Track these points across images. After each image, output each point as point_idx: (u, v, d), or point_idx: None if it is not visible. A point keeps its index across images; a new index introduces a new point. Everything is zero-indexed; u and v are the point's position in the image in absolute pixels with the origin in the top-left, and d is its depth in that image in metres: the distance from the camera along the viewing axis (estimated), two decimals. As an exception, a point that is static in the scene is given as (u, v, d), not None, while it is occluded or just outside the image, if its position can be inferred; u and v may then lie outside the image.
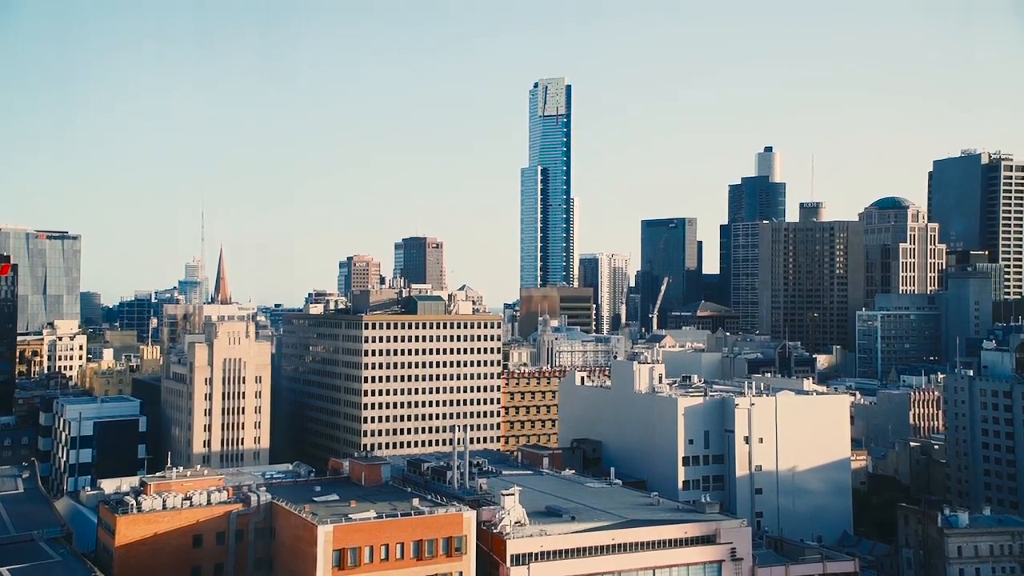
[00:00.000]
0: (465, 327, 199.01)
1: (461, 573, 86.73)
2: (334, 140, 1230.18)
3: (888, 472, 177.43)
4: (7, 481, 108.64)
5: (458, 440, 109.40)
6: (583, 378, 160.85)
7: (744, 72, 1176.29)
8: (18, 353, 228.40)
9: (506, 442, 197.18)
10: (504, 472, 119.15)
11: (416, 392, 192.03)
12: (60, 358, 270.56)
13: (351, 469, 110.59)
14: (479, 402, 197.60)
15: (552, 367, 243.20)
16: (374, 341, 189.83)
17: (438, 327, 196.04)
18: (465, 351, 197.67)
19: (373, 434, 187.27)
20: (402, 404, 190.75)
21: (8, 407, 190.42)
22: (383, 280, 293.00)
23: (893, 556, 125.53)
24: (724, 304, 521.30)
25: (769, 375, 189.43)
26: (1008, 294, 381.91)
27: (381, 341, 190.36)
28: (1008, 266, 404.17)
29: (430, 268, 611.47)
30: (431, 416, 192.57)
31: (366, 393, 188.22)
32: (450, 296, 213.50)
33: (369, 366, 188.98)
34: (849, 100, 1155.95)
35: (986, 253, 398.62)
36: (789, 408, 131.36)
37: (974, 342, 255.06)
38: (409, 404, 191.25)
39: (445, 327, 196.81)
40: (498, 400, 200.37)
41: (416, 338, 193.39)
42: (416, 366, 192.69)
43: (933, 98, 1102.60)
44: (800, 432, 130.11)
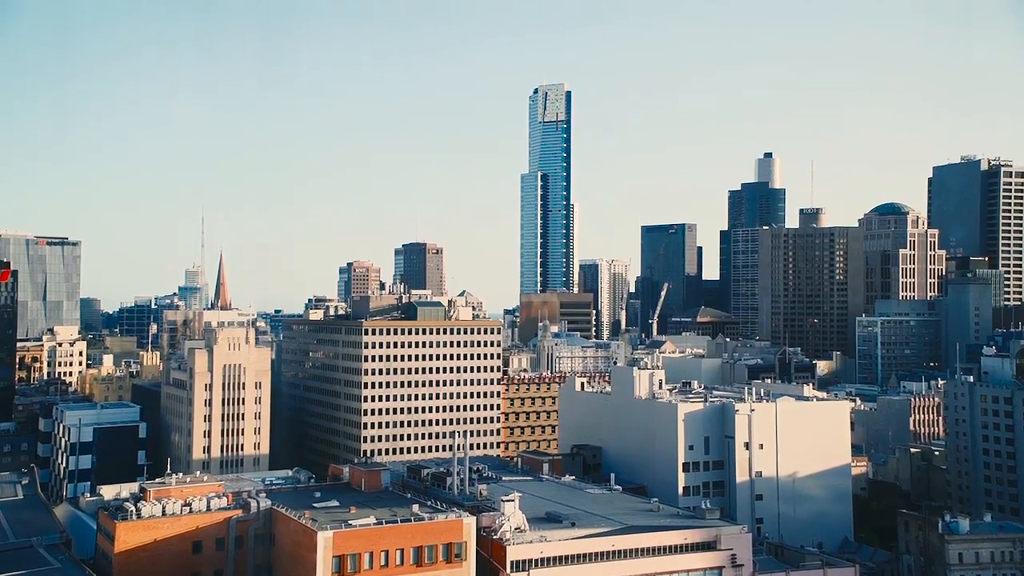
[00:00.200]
0: (465, 333, 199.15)
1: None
2: (334, 145, 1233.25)
3: (889, 478, 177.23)
4: (6, 487, 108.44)
5: (458, 446, 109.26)
6: (583, 384, 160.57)
7: (744, 78, 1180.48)
8: (18, 359, 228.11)
9: (506, 448, 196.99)
10: (504, 478, 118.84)
11: (416, 398, 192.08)
12: (60, 364, 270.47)
13: (351, 475, 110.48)
14: (479, 408, 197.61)
15: (552, 373, 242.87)
16: (374, 347, 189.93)
17: (438, 333, 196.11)
18: (465, 357, 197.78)
19: (373, 440, 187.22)
20: (402, 410, 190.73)
21: (8, 413, 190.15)
22: (383, 286, 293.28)
23: (894, 562, 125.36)
24: (724, 310, 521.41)
25: (769, 381, 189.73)
26: (1008, 300, 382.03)
27: (381, 347, 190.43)
28: (1008, 272, 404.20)
29: (430, 274, 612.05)
30: (431, 422, 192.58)
31: (366, 399, 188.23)
32: (450, 302, 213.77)
33: (369, 372, 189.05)
34: (849, 106, 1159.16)
35: (986, 259, 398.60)
36: (789, 414, 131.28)
37: (974, 348, 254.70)
38: (409, 410, 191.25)
39: (445, 333, 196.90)
40: (498, 406, 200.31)
41: (416, 344, 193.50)
42: (416, 372, 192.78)
43: (933, 104, 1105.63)
44: (800, 438, 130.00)
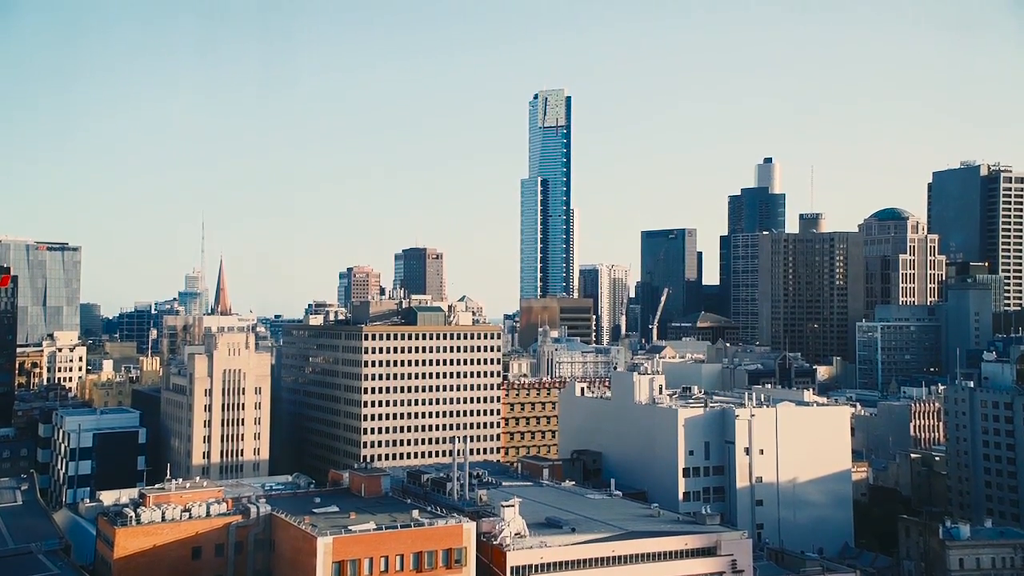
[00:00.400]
0: (465, 338, 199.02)
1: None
2: (334, 150, 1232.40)
3: (889, 484, 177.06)
4: (6, 493, 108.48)
5: (458, 451, 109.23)
6: (583, 389, 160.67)
7: (744, 83, 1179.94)
8: (18, 365, 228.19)
9: (506, 453, 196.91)
10: (504, 483, 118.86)
11: (416, 403, 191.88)
12: (60, 370, 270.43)
13: (351, 480, 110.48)
14: (479, 413, 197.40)
15: (552, 378, 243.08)
16: (374, 352, 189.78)
17: (438, 338, 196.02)
18: (465, 362, 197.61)
19: (373, 445, 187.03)
20: (402, 415, 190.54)
21: (7, 419, 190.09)
22: (383, 291, 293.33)
23: (894, 568, 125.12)
24: (724, 315, 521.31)
25: (769, 386, 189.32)
26: (1008, 305, 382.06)
27: (381, 352, 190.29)
28: (1008, 277, 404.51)
29: (430, 279, 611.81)
30: (431, 427, 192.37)
31: (366, 404, 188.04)
32: (450, 307, 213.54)
33: (369, 377, 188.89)
34: (849, 111, 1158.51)
35: (986, 264, 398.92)
36: (789, 419, 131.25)
37: (974, 353, 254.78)
38: (409, 415, 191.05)
39: (445, 338, 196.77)
40: (498, 411, 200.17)
41: (416, 349, 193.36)
42: (416, 377, 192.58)
43: (933, 109, 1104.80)
44: (801, 443, 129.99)
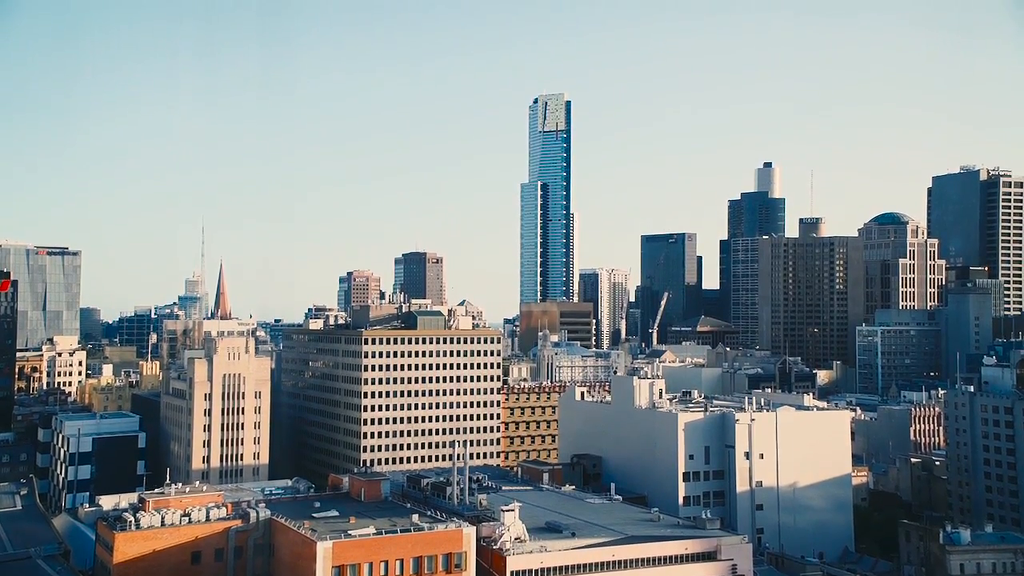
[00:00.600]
0: (465, 342, 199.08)
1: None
2: (334, 154, 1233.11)
3: (889, 488, 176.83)
4: (5, 498, 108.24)
5: (458, 456, 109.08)
6: (583, 393, 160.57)
7: (744, 87, 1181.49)
8: (17, 369, 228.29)
9: (506, 457, 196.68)
10: (504, 488, 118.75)
11: (416, 407, 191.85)
12: (59, 374, 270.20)
13: (350, 485, 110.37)
14: (479, 417, 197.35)
15: (552, 382, 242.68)
16: (374, 356, 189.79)
17: (438, 342, 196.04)
18: (465, 366, 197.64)
19: (373, 449, 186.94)
20: (402, 419, 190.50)
21: (7, 423, 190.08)
22: (383, 295, 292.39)
23: (895, 573, 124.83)
24: (724, 319, 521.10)
25: (769, 390, 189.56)
26: (1008, 310, 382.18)
27: (381, 356, 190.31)
28: (1008, 282, 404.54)
29: (430, 283, 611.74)
30: (431, 431, 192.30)
31: (366, 408, 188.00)
32: (450, 311, 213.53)
33: (369, 381, 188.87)
34: (848, 115, 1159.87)
35: (986, 269, 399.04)
36: (790, 424, 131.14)
37: (974, 358, 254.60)
38: (409, 419, 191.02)
39: (445, 342, 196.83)
40: (498, 415, 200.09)
41: (416, 353, 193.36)
42: (416, 381, 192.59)
43: (932, 114, 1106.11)
44: (801, 448, 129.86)
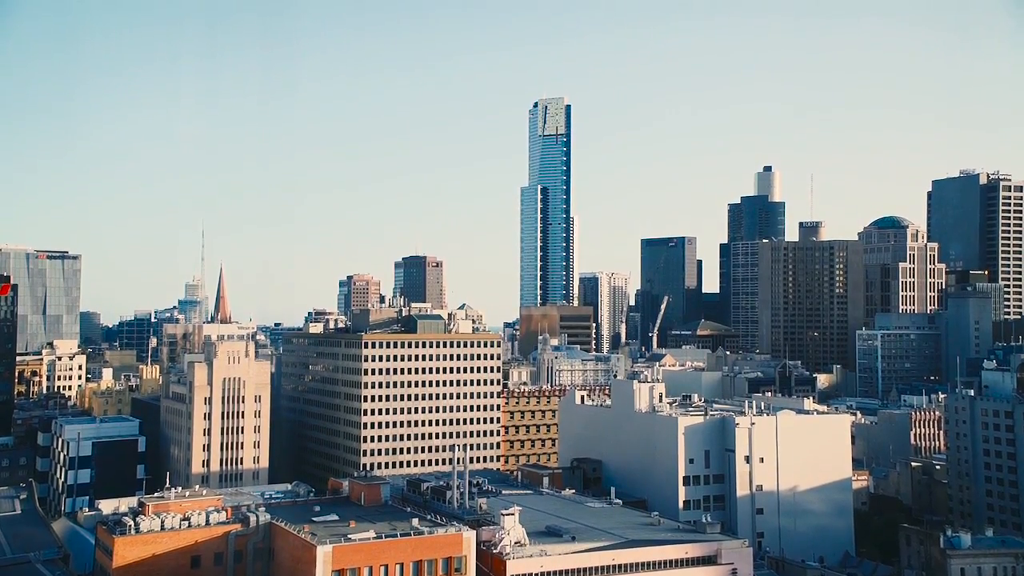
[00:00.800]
0: (465, 346, 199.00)
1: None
2: (334, 158, 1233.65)
3: (890, 492, 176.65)
4: (4, 502, 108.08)
5: (458, 459, 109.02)
6: (583, 397, 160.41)
7: (743, 91, 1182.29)
8: (17, 373, 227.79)
9: (506, 461, 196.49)
10: (504, 492, 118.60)
11: (416, 411, 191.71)
12: (59, 378, 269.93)
13: (350, 489, 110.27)
14: (479, 421, 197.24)
15: (552, 386, 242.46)
16: (374, 360, 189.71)
17: (438, 346, 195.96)
18: (465, 370, 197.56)
19: (372, 453, 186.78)
20: (402, 423, 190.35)
21: (6, 427, 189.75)
22: (383, 299, 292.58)
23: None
24: (724, 323, 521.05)
25: (769, 394, 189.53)
26: (1008, 314, 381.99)
27: (381, 360, 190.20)
28: (1008, 286, 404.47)
29: (430, 287, 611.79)
30: (431, 435, 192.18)
31: (366, 412, 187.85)
32: (450, 315, 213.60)
33: (369, 385, 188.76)
34: (848, 119, 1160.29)
35: (985, 273, 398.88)
36: (790, 427, 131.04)
37: (974, 362, 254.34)
38: (409, 423, 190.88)
39: (445, 346, 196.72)
40: (498, 419, 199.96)
41: (416, 357, 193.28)
42: (416, 385, 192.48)
43: (932, 118, 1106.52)
44: (801, 452, 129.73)
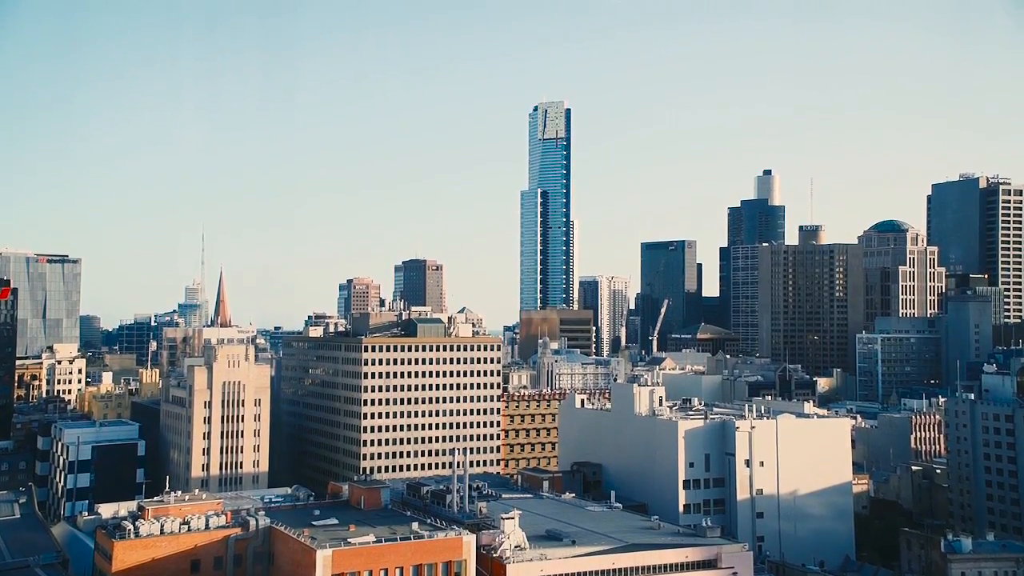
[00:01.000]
0: (465, 350, 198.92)
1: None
2: (334, 162, 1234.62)
3: (890, 496, 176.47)
4: (3, 507, 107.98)
5: (458, 463, 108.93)
6: (583, 401, 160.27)
7: (743, 95, 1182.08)
8: (17, 377, 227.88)
9: (506, 465, 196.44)
10: (504, 495, 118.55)
11: (416, 415, 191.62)
12: (59, 382, 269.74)
13: (350, 493, 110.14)
14: (479, 425, 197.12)
15: (552, 390, 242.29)
16: (374, 364, 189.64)
17: (438, 350, 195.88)
18: (465, 374, 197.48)
19: (372, 457, 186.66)
20: (402, 427, 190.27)
21: (6, 431, 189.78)
22: (383, 303, 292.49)
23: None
24: (724, 327, 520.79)
25: (769, 398, 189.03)
26: (1008, 318, 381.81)
27: (381, 364, 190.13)
28: (1008, 290, 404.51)
29: (430, 291, 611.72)
30: (431, 439, 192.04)
31: (365, 416, 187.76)
32: (450, 319, 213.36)
33: (369, 389, 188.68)
34: (848, 123, 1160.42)
35: (985, 277, 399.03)
36: (790, 431, 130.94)
37: (974, 365, 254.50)
38: (409, 427, 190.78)
39: (445, 350, 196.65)
40: (498, 423, 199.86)
41: (416, 361, 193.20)
42: (416, 389, 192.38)
43: (932, 122, 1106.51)
44: (801, 455, 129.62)
